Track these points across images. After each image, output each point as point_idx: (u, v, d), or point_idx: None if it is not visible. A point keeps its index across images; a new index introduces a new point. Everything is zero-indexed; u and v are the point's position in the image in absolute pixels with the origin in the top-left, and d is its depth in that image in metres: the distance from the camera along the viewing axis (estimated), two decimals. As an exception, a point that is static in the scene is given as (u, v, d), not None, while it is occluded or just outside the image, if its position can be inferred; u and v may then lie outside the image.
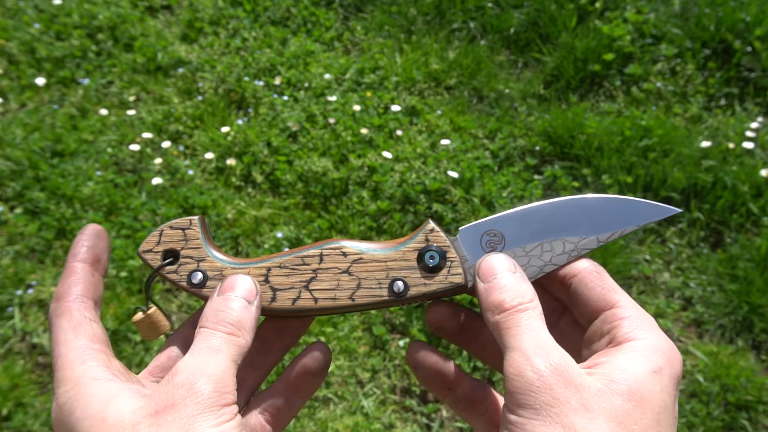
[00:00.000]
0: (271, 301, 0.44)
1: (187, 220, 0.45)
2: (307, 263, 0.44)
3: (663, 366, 0.38)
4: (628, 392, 0.36)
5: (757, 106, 2.25)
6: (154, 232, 0.45)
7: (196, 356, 0.38)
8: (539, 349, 0.37)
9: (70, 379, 0.38)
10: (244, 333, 0.40)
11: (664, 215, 0.46)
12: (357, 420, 1.61)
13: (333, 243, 0.44)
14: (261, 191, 2.12)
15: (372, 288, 0.43)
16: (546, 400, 0.35)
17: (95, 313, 0.42)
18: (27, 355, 1.77)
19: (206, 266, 0.44)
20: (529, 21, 2.54)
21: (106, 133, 2.28)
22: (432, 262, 0.43)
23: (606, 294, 0.42)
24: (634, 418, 0.35)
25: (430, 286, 0.43)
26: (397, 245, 0.44)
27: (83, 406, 0.36)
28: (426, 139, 2.20)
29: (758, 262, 1.83)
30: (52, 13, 2.67)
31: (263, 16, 2.69)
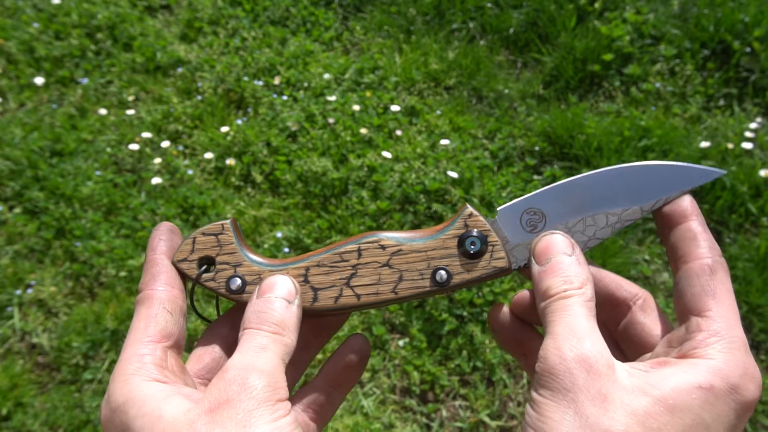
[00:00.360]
0: (312, 301, 0.43)
1: (219, 225, 0.44)
2: (345, 259, 0.43)
3: (717, 385, 0.35)
4: (660, 397, 0.34)
5: (756, 107, 2.25)
6: (187, 240, 0.44)
7: (245, 354, 0.38)
8: (571, 334, 0.36)
9: (125, 377, 0.38)
10: (288, 332, 0.40)
11: (708, 178, 0.43)
12: (357, 420, 1.61)
13: (370, 236, 0.43)
14: (260, 191, 2.12)
15: (414, 279, 0.43)
16: (565, 384, 0.35)
17: (178, 304, 0.42)
18: (26, 354, 1.77)
19: (244, 271, 0.44)
20: (528, 21, 2.54)
21: (106, 133, 2.28)
22: (473, 248, 0.42)
23: (702, 297, 0.38)
24: (658, 422, 0.33)
25: (473, 272, 0.42)
26: (435, 233, 0.43)
27: (138, 405, 0.36)
28: (425, 139, 2.20)
29: (757, 262, 1.83)
30: (51, 13, 2.66)
31: (262, 16, 2.69)
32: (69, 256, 1.94)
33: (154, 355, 0.39)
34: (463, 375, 1.70)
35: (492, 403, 1.66)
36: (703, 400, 0.34)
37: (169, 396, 0.36)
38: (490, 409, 1.65)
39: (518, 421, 1.63)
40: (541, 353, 0.37)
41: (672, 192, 0.42)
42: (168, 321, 0.41)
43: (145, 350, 0.39)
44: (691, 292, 0.39)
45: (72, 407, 1.65)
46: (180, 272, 0.44)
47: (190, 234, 0.44)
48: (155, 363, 0.39)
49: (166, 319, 0.41)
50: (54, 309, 1.84)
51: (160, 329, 0.40)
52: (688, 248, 0.41)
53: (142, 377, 0.38)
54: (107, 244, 1.93)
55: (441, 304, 1.74)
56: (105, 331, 1.77)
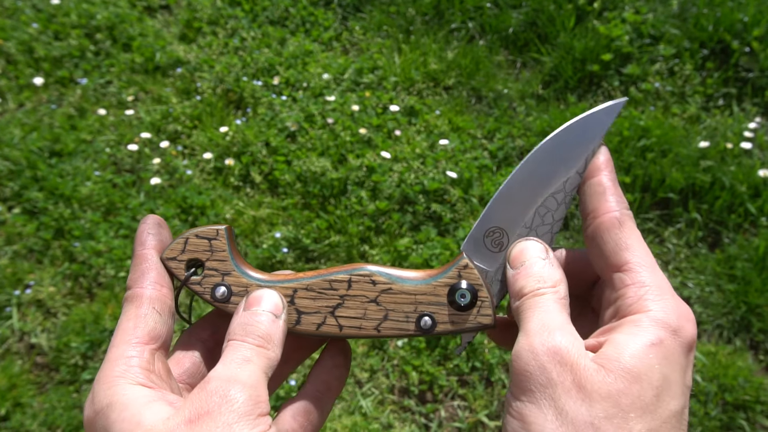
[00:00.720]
0: (295, 324, 0.43)
1: (213, 229, 0.44)
2: (334, 288, 0.43)
3: (664, 337, 0.36)
4: (623, 370, 0.34)
5: (755, 107, 2.25)
6: (179, 240, 0.43)
7: (228, 366, 0.38)
8: (543, 328, 0.37)
9: (111, 379, 0.38)
10: (273, 346, 0.40)
11: (614, 113, 0.42)
12: (355, 420, 1.61)
13: (362, 269, 0.43)
14: (259, 191, 2.12)
15: (399, 321, 0.43)
16: (541, 381, 0.35)
17: (167, 304, 0.42)
18: (25, 355, 1.77)
19: (231, 281, 0.43)
20: (527, 21, 2.54)
21: (105, 133, 2.28)
22: (463, 301, 0.42)
23: (618, 252, 0.39)
24: (630, 397, 0.34)
25: (457, 324, 0.42)
26: (428, 277, 0.43)
27: (120, 408, 0.36)
28: (425, 139, 2.20)
29: (756, 262, 1.83)
30: (51, 13, 2.66)
31: (262, 16, 2.69)
32: (68, 256, 1.94)
33: (141, 357, 0.39)
34: (462, 375, 1.70)
35: (491, 403, 1.65)
36: (660, 356, 0.35)
37: (151, 402, 0.36)
38: (488, 409, 1.64)
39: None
40: (513, 352, 0.37)
41: (591, 143, 0.42)
42: (157, 322, 0.40)
43: (133, 352, 0.39)
44: (606, 250, 0.40)
45: (70, 407, 1.65)
46: (167, 270, 0.43)
47: (183, 233, 0.43)
48: (142, 366, 0.38)
49: (155, 320, 0.40)
50: (53, 309, 1.84)
51: (149, 330, 0.40)
52: (598, 203, 0.41)
53: (127, 380, 0.37)
54: (106, 245, 1.93)
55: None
56: (104, 331, 1.77)
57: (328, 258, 1.92)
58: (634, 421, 0.34)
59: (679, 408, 0.35)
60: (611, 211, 0.40)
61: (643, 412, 0.34)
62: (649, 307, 0.37)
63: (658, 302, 0.37)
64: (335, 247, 1.93)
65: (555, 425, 0.34)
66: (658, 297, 0.37)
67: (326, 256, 1.92)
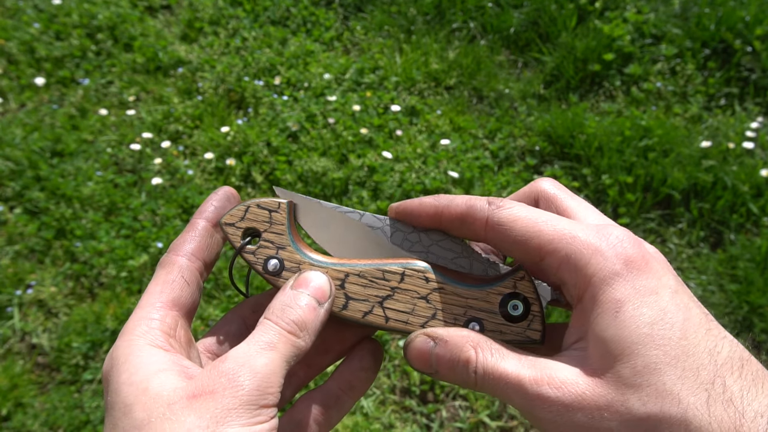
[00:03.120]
0: (342, 308, 0.42)
1: (276, 201, 0.43)
2: (387, 279, 0.42)
3: (618, 293, 0.35)
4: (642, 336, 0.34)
5: (757, 106, 2.25)
6: (240, 206, 0.43)
7: (249, 347, 0.37)
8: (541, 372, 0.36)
9: (131, 338, 0.38)
10: (305, 335, 0.39)
11: None
12: (356, 420, 1.61)
13: (419, 264, 0.42)
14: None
15: (446, 321, 0.42)
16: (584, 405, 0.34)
17: (196, 276, 0.42)
18: (26, 355, 1.77)
19: (285, 255, 0.43)
20: (529, 21, 2.53)
21: (106, 133, 2.28)
22: (515, 312, 0.41)
23: (524, 245, 0.39)
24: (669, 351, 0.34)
25: (505, 335, 0.41)
26: (482, 284, 0.42)
27: (132, 371, 0.36)
28: (426, 139, 2.20)
29: (758, 262, 1.83)
30: (52, 13, 2.66)
31: (263, 16, 2.68)
32: (69, 256, 1.94)
33: (164, 321, 0.39)
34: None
35: (492, 403, 1.65)
36: (635, 304, 0.35)
37: (163, 370, 0.36)
38: (490, 409, 1.64)
39: (518, 422, 1.63)
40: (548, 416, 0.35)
41: None
42: (184, 290, 0.41)
43: (156, 315, 0.39)
44: (516, 252, 0.40)
45: (72, 407, 1.65)
46: (224, 235, 0.43)
47: (245, 201, 0.43)
48: (163, 330, 0.39)
49: (182, 287, 0.41)
50: (54, 309, 1.85)
51: (174, 297, 0.41)
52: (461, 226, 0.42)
53: (146, 341, 0.38)
54: (107, 245, 1.93)
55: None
56: (105, 331, 1.77)
57: (330, 258, 1.92)
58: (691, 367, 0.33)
59: (695, 312, 0.35)
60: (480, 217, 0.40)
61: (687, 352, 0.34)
62: (589, 271, 0.36)
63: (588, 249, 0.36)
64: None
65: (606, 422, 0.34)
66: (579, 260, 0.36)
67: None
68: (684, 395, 0.32)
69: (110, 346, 1.75)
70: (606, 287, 0.35)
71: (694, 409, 0.32)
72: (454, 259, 0.43)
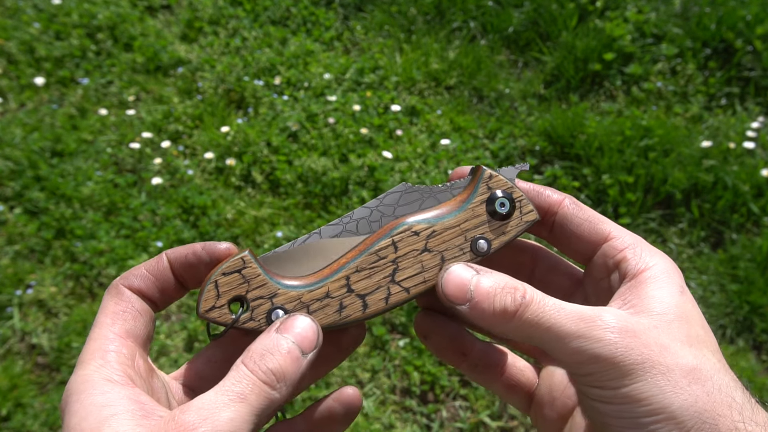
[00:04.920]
0: (363, 309, 0.41)
1: (238, 260, 0.40)
2: (383, 257, 0.41)
3: (683, 285, 0.39)
4: (678, 317, 0.37)
5: (757, 106, 2.25)
6: (209, 287, 0.40)
7: (217, 396, 0.34)
8: (585, 321, 0.36)
9: (86, 372, 0.36)
10: (282, 386, 0.36)
11: None
12: (357, 420, 1.61)
13: (399, 226, 0.42)
14: (261, 191, 2.12)
15: (457, 256, 0.42)
16: (634, 360, 0.35)
17: (146, 307, 0.40)
18: (26, 355, 1.77)
19: (282, 300, 0.40)
20: (529, 20, 2.53)
21: (106, 133, 2.28)
22: (504, 210, 0.42)
23: (596, 226, 0.42)
24: (693, 335, 0.37)
25: (509, 233, 0.42)
26: (461, 204, 0.42)
27: (83, 414, 0.34)
28: (426, 139, 2.20)
29: (759, 262, 1.83)
30: (52, 13, 2.66)
31: (263, 16, 2.68)
32: (69, 256, 1.94)
33: (120, 353, 0.37)
34: (464, 375, 1.69)
35: (492, 403, 1.65)
36: (691, 301, 0.39)
37: (116, 414, 0.33)
38: (490, 409, 1.64)
39: (518, 422, 1.62)
40: (578, 358, 0.36)
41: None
42: (136, 321, 0.39)
43: (111, 346, 0.37)
44: (583, 230, 0.42)
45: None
46: (212, 322, 0.40)
47: (207, 279, 0.40)
48: (120, 362, 0.36)
49: (134, 319, 0.39)
50: (54, 309, 1.84)
51: (126, 330, 0.38)
52: (547, 200, 0.43)
53: (101, 375, 0.35)
54: (107, 245, 1.93)
55: (441, 305, 1.74)
56: (105, 331, 1.76)
57: (330, 258, 1.91)
58: (708, 353, 0.37)
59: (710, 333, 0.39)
60: (562, 198, 0.43)
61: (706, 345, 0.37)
62: (654, 262, 0.39)
63: (654, 256, 0.40)
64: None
65: (670, 386, 0.35)
66: (652, 254, 0.40)
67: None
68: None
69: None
70: (668, 277, 0.39)
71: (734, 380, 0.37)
72: (420, 206, 0.43)
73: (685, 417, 0.34)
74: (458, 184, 0.43)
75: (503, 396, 0.48)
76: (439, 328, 0.46)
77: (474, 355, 0.46)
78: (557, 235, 0.43)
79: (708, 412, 0.34)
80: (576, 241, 0.42)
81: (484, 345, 0.47)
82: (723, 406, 0.35)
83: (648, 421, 0.34)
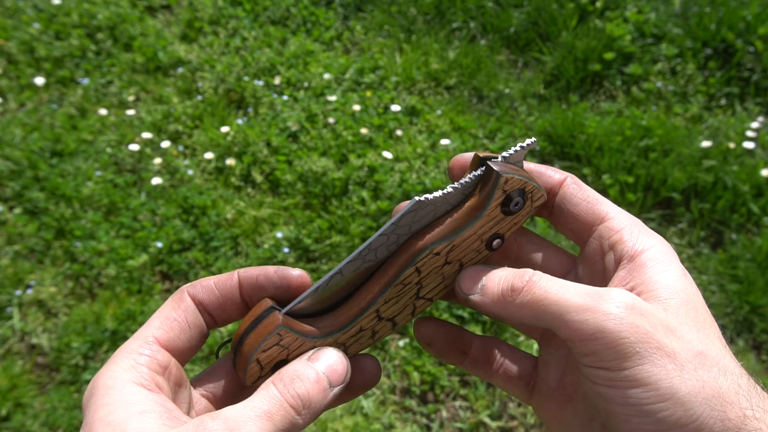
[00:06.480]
0: (393, 327, 0.42)
1: (276, 336, 0.40)
2: (407, 282, 0.41)
3: (683, 268, 0.38)
4: (684, 301, 0.36)
5: (757, 106, 2.25)
6: (252, 365, 0.40)
7: (246, 409, 0.35)
8: (591, 296, 0.35)
9: (116, 370, 0.36)
10: (306, 413, 0.37)
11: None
12: (357, 420, 1.61)
13: (422, 252, 0.41)
14: (260, 191, 2.12)
15: (474, 257, 0.42)
16: (640, 338, 0.34)
17: (200, 323, 0.41)
18: (26, 355, 1.77)
19: None
20: (529, 20, 2.53)
21: (106, 133, 2.28)
22: (517, 208, 0.42)
23: (593, 207, 0.41)
24: (700, 319, 0.36)
25: (519, 222, 0.42)
26: (477, 212, 0.41)
27: (110, 408, 0.34)
28: (426, 139, 2.20)
29: (759, 262, 1.83)
30: (52, 13, 2.66)
31: (263, 16, 2.68)
32: (69, 256, 1.94)
33: (154, 359, 0.38)
34: (464, 375, 1.70)
35: (492, 403, 1.65)
36: (693, 285, 0.38)
37: (145, 411, 0.34)
38: (490, 409, 1.64)
39: (518, 422, 1.62)
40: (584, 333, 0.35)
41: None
42: (183, 332, 0.40)
43: (147, 350, 0.38)
44: (582, 209, 0.42)
45: (71, 408, 1.65)
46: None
47: (249, 355, 0.40)
48: (151, 367, 0.37)
49: (182, 329, 0.40)
50: (54, 309, 1.84)
51: (171, 338, 0.39)
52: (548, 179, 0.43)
53: (130, 376, 0.36)
54: (107, 245, 1.93)
55: (441, 305, 1.74)
56: (105, 331, 1.76)
57: (330, 258, 1.91)
58: (714, 338, 0.36)
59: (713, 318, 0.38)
60: (564, 178, 0.43)
61: (711, 330, 0.36)
62: (651, 243, 0.39)
63: (651, 238, 0.39)
64: (336, 248, 1.92)
65: (677, 370, 0.34)
66: (648, 236, 0.39)
67: (327, 257, 1.92)
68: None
69: (110, 347, 1.75)
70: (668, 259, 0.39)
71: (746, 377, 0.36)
72: (435, 215, 0.42)
73: (694, 403, 0.33)
74: (468, 183, 0.42)
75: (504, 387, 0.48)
76: (441, 333, 0.46)
77: (473, 351, 0.46)
78: (556, 215, 0.43)
79: (716, 398, 0.33)
80: (572, 220, 0.42)
81: (482, 339, 0.47)
82: (730, 392, 0.34)
83: (655, 408, 0.33)
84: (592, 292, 0.36)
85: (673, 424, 0.33)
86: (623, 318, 0.34)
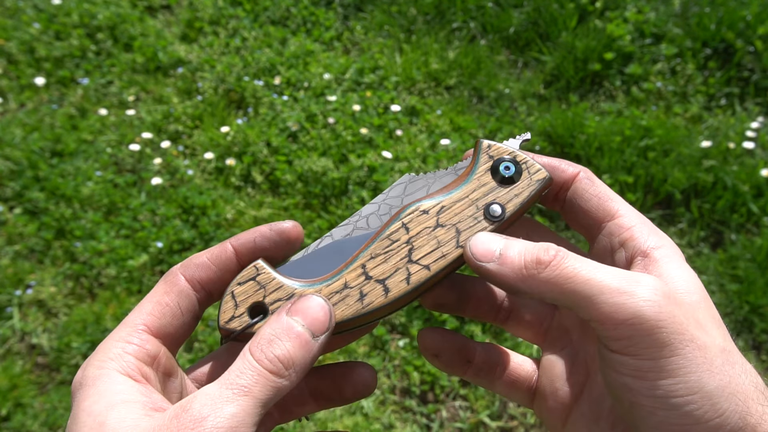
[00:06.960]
0: (385, 294, 0.40)
1: (251, 268, 0.40)
2: (395, 239, 0.40)
3: (681, 260, 0.38)
4: (703, 297, 0.37)
5: (757, 106, 2.25)
6: (225, 299, 0.39)
7: (221, 390, 0.33)
8: (627, 279, 0.34)
9: (103, 359, 0.36)
10: (291, 374, 0.35)
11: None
12: (357, 420, 1.61)
13: (407, 209, 0.41)
14: (260, 191, 2.12)
15: (472, 226, 0.40)
16: (676, 329, 0.33)
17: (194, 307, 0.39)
18: (26, 355, 1.77)
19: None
20: (529, 20, 2.53)
21: (106, 133, 2.28)
22: (508, 173, 0.41)
23: (604, 203, 0.41)
24: (717, 318, 0.37)
25: (521, 195, 0.41)
26: (466, 177, 0.41)
27: (95, 398, 0.34)
28: (426, 139, 2.20)
29: (759, 262, 1.83)
30: (52, 13, 2.66)
31: (263, 16, 2.68)
32: (69, 256, 1.94)
33: (143, 348, 0.37)
34: (464, 375, 1.70)
35: (492, 403, 1.65)
36: (701, 282, 0.38)
37: (126, 401, 0.34)
38: (490, 409, 1.64)
39: (518, 422, 1.62)
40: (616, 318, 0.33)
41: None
42: (175, 318, 0.39)
43: (135, 339, 0.37)
44: (593, 205, 0.41)
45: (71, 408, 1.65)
46: (231, 333, 0.39)
47: (225, 292, 0.40)
48: (138, 357, 0.36)
49: (174, 314, 0.38)
50: (54, 309, 1.84)
51: (163, 324, 0.38)
52: (562, 173, 0.42)
53: (117, 365, 0.35)
54: (107, 245, 1.93)
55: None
56: (105, 331, 1.76)
57: (330, 258, 1.91)
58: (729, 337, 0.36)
59: None
60: (577, 171, 0.42)
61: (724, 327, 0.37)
62: (661, 243, 0.39)
63: (659, 236, 0.39)
64: (336, 247, 1.92)
65: (707, 364, 0.33)
66: (657, 234, 0.39)
67: (327, 256, 1.92)
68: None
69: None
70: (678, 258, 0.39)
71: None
72: (428, 191, 0.43)
73: (721, 398, 0.33)
74: (461, 165, 0.43)
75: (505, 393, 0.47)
76: (447, 343, 0.45)
77: (477, 359, 0.46)
78: (567, 210, 0.43)
79: (740, 395, 0.33)
80: (583, 216, 0.42)
81: (484, 346, 0.47)
82: (751, 389, 0.34)
83: (683, 401, 0.32)
84: (627, 275, 0.34)
85: (699, 417, 0.33)
86: (662, 305, 0.33)
